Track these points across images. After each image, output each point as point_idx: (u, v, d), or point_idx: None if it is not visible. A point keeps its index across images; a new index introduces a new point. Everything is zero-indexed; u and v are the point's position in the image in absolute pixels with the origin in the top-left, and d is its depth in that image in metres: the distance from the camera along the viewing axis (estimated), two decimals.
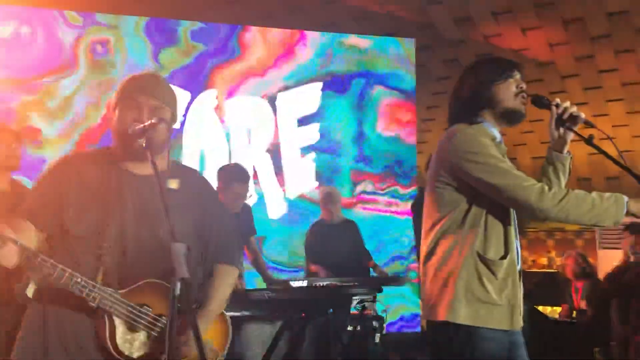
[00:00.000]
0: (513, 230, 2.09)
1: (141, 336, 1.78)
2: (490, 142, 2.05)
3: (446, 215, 2.06)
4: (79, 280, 1.69)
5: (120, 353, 1.73)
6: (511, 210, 2.09)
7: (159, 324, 1.81)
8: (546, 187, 1.95)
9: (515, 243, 2.10)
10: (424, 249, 2.14)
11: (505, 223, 2.06)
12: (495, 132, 2.14)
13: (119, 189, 1.84)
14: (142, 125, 1.75)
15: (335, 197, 4.88)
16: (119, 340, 1.73)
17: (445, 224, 2.06)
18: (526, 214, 2.05)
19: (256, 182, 6.07)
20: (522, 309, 2.08)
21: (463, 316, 1.96)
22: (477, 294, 1.97)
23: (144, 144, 1.72)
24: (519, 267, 2.09)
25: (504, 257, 2.02)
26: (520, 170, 2.04)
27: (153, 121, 1.73)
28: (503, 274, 2.00)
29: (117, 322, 1.74)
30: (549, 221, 2.12)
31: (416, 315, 6.38)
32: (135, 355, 1.77)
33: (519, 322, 2.03)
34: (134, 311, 1.77)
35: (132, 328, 1.77)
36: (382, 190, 6.56)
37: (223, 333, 2.06)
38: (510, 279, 2.02)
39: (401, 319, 6.35)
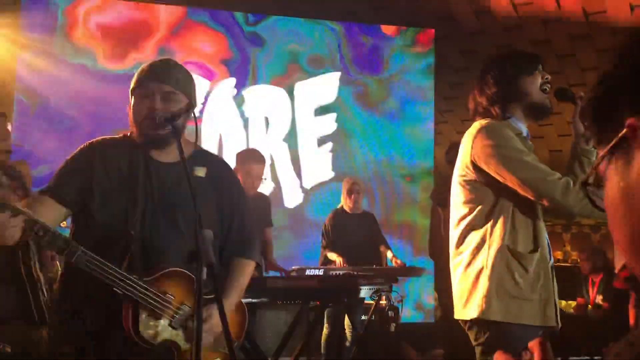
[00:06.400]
0: (542, 224, 2.06)
1: (163, 323, 1.80)
2: (514, 135, 2.02)
3: (473, 210, 2.04)
4: (104, 266, 1.70)
5: (141, 338, 1.75)
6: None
7: (180, 312, 1.83)
8: (571, 182, 1.92)
9: (545, 237, 2.07)
10: (452, 244, 2.12)
11: (534, 216, 2.03)
12: (522, 127, 2.12)
13: (145, 176, 1.85)
14: (169, 113, 1.76)
15: (361, 188, 4.95)
16: (140, 326, 1.75)
17: (472, 218, 2.04)
18: (550, 209, 2.03)
19: (273, 170, 6.11)
20: (557, 306, 2.05)
21: (494, 312, 1.93)
22: (509, 289, 1.94)
23: (170, 132, 1.74)
24: (550, 262, 2.07)
25: (534, 251, 1.99)
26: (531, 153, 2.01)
27: (180, 110, 1.73)
28: (535, 268, 1.98)
29: (141, 308, 1.75)
30: (573, 217, 2.10)
31: (431, 306, 6.39)
32: (157, 341, 1.79)
33: (552, 318, 2.00)
34: (157, 299, 1.78)
35: (154, 315, 1.78)
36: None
37: (240, 323, 2.07)
38: (542, 272, 2.00)
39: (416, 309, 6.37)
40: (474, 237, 2.02)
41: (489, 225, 2.00)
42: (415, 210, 6.53)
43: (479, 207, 2.03)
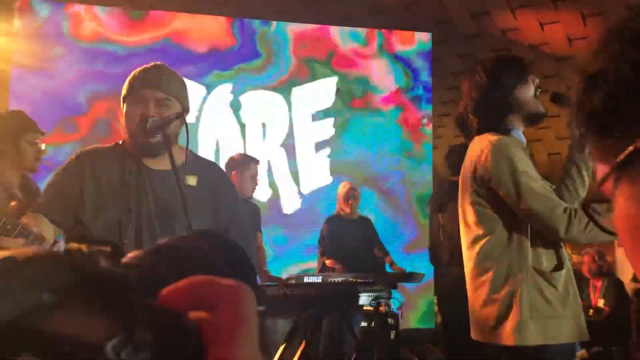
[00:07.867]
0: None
1: None
2: (522, 154, 2.00)
3: (489, 233, 2.01)
4: None
5: None
6: None
7: None
8: (572, 212, 1.89)
9: (564, 249, 2.05)
10: (468, 265, 2.09)
11: None
12: (522, 137, 2.10)
13: (138, 185, 1.81)
14: (159, 120, 1.72)
15: (357, 193, 4.90)
16: None
17: (489, 241, 2.01)
18: (553, 239, 2.00)
19: (270, 176, 6.07)
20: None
21: (532, 337, 1.90)
22: (542, 310, 1.92)
23: (161, 139, 1.70)
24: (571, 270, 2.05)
25: (560, 268, 1.97)
26: (538, 174, 1.99)
27: (170, 116, 1.70)
28: (563, 284, 1.96)
29: None
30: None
31: (430, 311, 6.34)
32: None
33: (586, 331, 1.98)
34: None
35: None
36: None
37: None
38: (571, 287, 1.99)
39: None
40: (496, 261, 1.98)
41: (510, 248, 1.97)
42: (414, 214, 6.49)
43: (496, 230, 2.00)
